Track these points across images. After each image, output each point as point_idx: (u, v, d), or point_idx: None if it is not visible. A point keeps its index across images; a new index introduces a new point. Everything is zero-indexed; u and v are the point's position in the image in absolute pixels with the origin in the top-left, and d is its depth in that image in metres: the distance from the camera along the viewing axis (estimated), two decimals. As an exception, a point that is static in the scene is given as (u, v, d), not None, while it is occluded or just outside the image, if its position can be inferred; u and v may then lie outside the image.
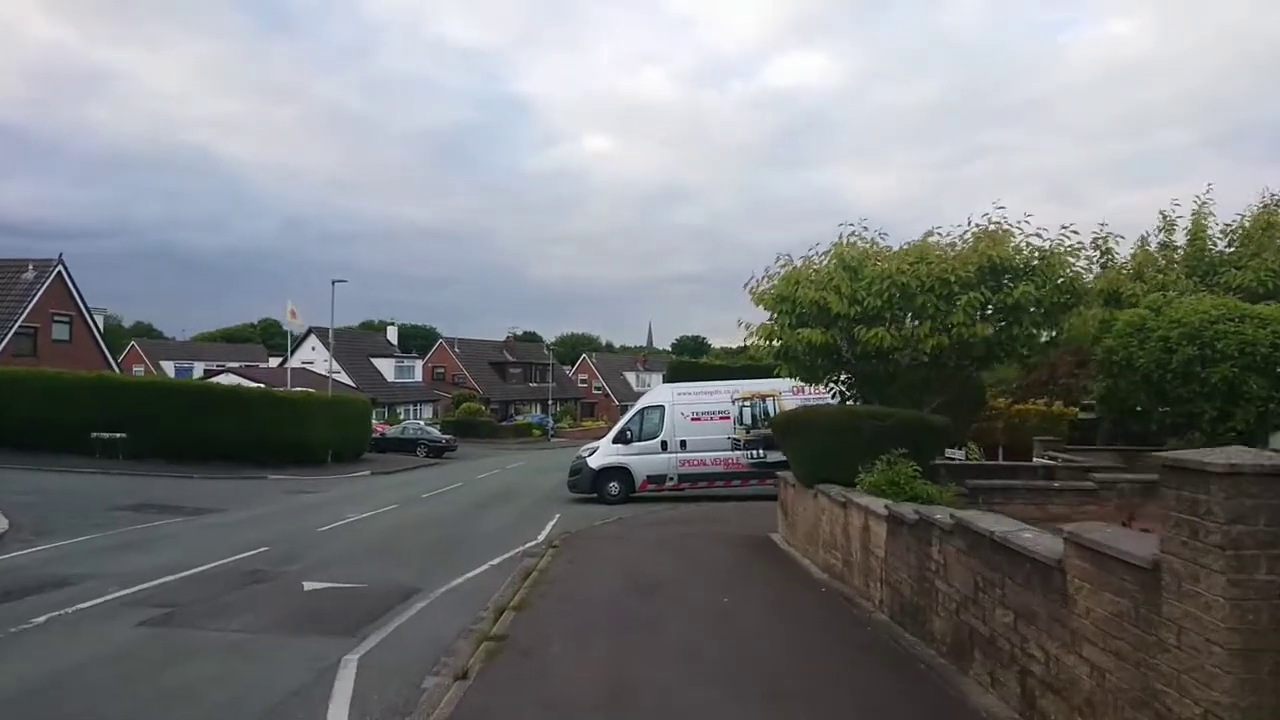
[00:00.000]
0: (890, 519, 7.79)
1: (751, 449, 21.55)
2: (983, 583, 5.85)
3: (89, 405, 29.90)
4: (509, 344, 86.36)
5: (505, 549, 13.90)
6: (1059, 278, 11.32)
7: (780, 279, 12.50)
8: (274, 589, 10.58)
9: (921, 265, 11.18)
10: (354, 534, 15.77)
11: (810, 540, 11.29)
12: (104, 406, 29.93)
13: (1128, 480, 11.46)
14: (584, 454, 22.58)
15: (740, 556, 12.24)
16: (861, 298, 11.36)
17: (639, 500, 21.42)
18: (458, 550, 13.97)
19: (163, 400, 31.21)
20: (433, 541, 14.92)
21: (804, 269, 12.38)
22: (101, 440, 29.51)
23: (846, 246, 12.19)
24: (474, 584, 11.10)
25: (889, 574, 7.91)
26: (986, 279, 11.26)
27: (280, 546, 13.97)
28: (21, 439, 28.66)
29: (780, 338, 12.19)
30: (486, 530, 16.59)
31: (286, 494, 24.39)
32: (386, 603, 9.78)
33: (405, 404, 65.48)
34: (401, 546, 14.38)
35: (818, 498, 10.78)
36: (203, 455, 30.29)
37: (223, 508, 20.28)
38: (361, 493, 24.91)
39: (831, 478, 10.60)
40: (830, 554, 10.17)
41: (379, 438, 46.24)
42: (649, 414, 22.38)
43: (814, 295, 11.50)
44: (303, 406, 34.33)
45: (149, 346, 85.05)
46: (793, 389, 22.24)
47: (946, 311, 11.09)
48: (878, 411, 10.73)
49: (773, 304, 12.37)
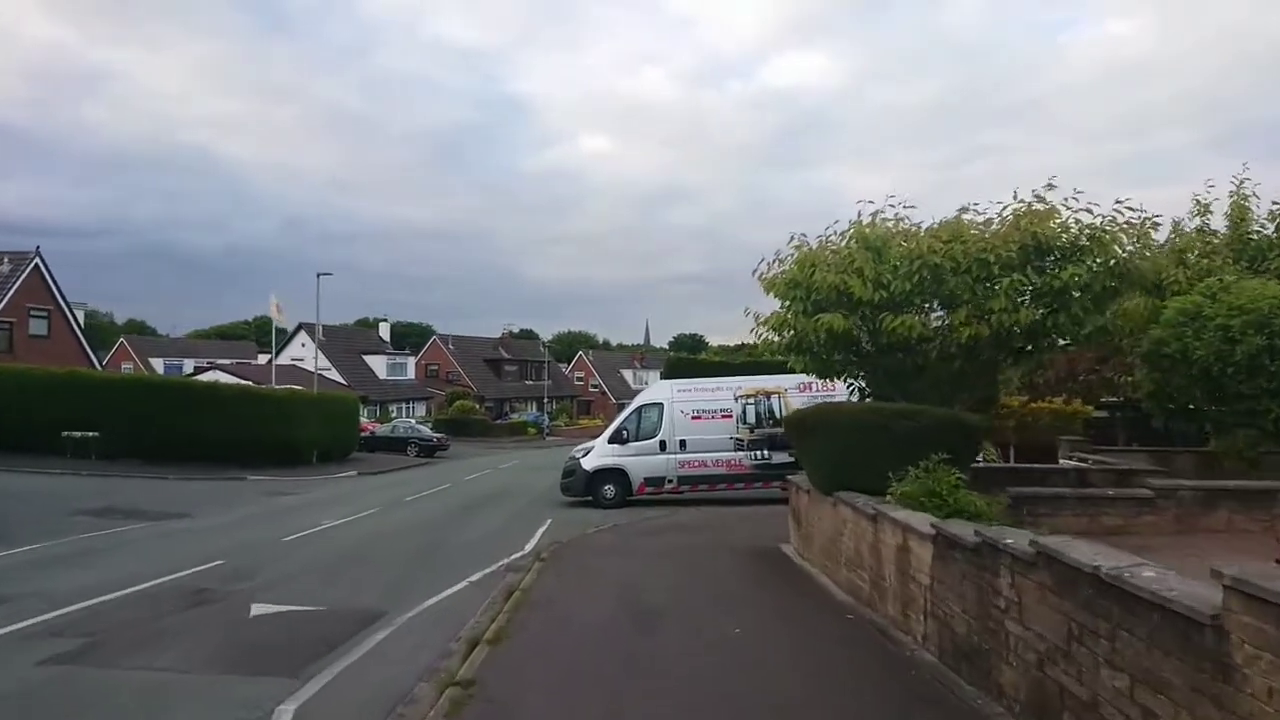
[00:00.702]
0: (940, 540, 6.47)
1: (755, 450, 20.25)
2: (1080, 631, 4.53)
3: (60, 403, 28.55)
4: (504, 341, 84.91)
5: (488, 561, 12.57)
6: (1110, 259, 10.00)
7: (794, 262, 11.18)
8: (217, 613, 9.24)
9: (956, 245, 9.86)
10: (324, 543, 14.42)
11: (829, 555, 9.97)
12: (76, 404, 28.59)
13: (1189, 488, 10.16)
14: (577, 455, 21.19)
15: (749, 573, 10.91)
16: (887, 281, 10.04)
17: (636, 504, 20.08)
18: (436, 563, 12.64)
19: (138, 398, 29.81)
20: (410, 552, 13.58)
21: (820, 251, 11.06)
22: (73, 439, 28.15)
23: (868, 226, 10.86)
24: (448, 606, 9.76)
25: (936, 605, 6.59)
26: (1030, 259, 9.94)
27: (238, 559, 12.63)
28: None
29: (793, 327, 10.86)
30: (470, 538, 15.26)
31: (264, 496, 23.05)
32: (344, 631, 8.44)
33: (398, 402, 64.10)
34: (374, 558, 13.05)
35: (838, 507, 9.47)
36: (181, 455, 28.96)
37: (192, 512, 18.97)
38: (344, 495, 23.56)
39: (855, 485, 9.29)
40: (855, 573, 8.85)
41: (369, 436, 44.88)
42: (647, 412, 21.00)
43: (833, 279, 10.17)
44: (287, 404, 32.97)
45: (139, 344, 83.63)
46: (799, 386, 20.93)
47: (985, 297, 9.77)
48: (906, 409, 9.41)
49: (785, 290, 11.05)
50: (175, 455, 28.84)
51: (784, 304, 11.22)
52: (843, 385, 20.80)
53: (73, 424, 28.18)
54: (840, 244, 10.85)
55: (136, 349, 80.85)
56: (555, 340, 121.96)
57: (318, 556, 13.09)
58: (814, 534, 10.76)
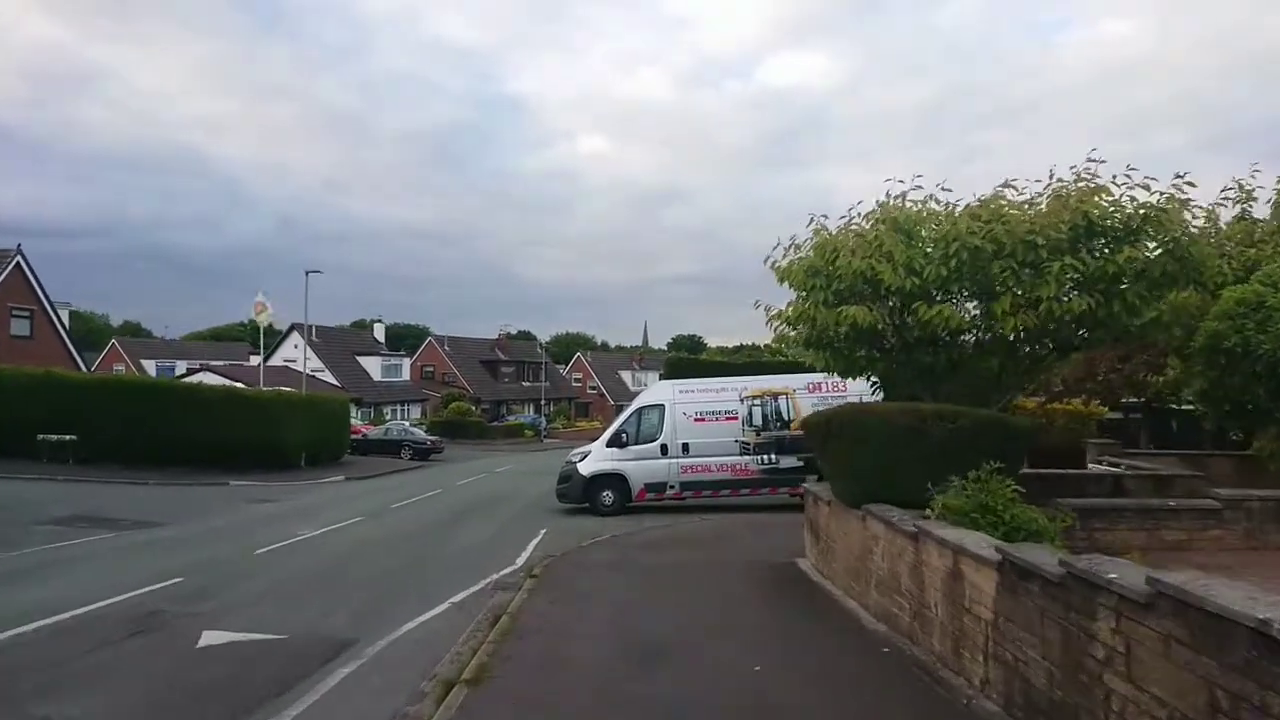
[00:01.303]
0: (1009, 568, 5.35)
1: (762, 454, 19.12)
2: (1233, 705, 3.41)
3: (36, 404, 27.41)
4: (501, 342, 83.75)
5: (475, 578, 11.44)
6: (1169, 241, 8.88)
7: (813, 248, 10.06)
8: (160, 644, 8.11)
9: (998, 225, 8.75)
10: (298, 557, 13.28)
11: (856, 576, 8.85)
12: (53, 406, 27.44)
13: (1258, 498, 9.06)
14: (574, 459, 20.04)
15: (765, 594, 9.78)
16: (920, 266, 8.93)
17: (636, 511, 18.94)
18: (418, 580, 11.52)
19: (118, 400, 28.64)
20: (391, 567, 12.45)
21: (842, 235, 9.94)
22: (49, 443, 27.03)
23: (897, 206, 9.75)
24: (425, 634, 8.63)
25: (1002, 646, 5.47)
26: (1081, 241, 8.83)
27: (201, 575, 11.50)
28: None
29: (812, 320, 9.74)
30: (457, 550, 14.12)
31: (245, 503, 21.89)
32: (303, 666, 7.33)
33: (392, 404, 62.96)
34: (351, 574, 11.91)
35: (867, 521, 8.35)
36: (163, 459, 27.87)
37: (164, 520, 17.85)
38: (328, 501, 22.41)
39: (887, 496, 8.18)
40: (890, 599, 7.73)
41: (360, 439, 43.76)
42: (647, 414, 19.84)
43: (858, 265, 9.05)
44: (273, 406, 31.82)
45: (132, 345, 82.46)
46: (808, 386, 19.82)
47: (1032, 283, 8.66)
48: (945, 410, 8.30)
49: (803, 279, 9.93)
50: (157, 459, 27.75)
51: (801, 294, 10.11)
52: (856, 385, 19.85)
53: (50, 426, 27.07)
54: (865, 227, 9.73)
55: (129, 351, 79.72)
56: (553, 342, 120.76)
57: (289, 572, 11.95)
58: (836, 550, 9.64)
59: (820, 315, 9.54)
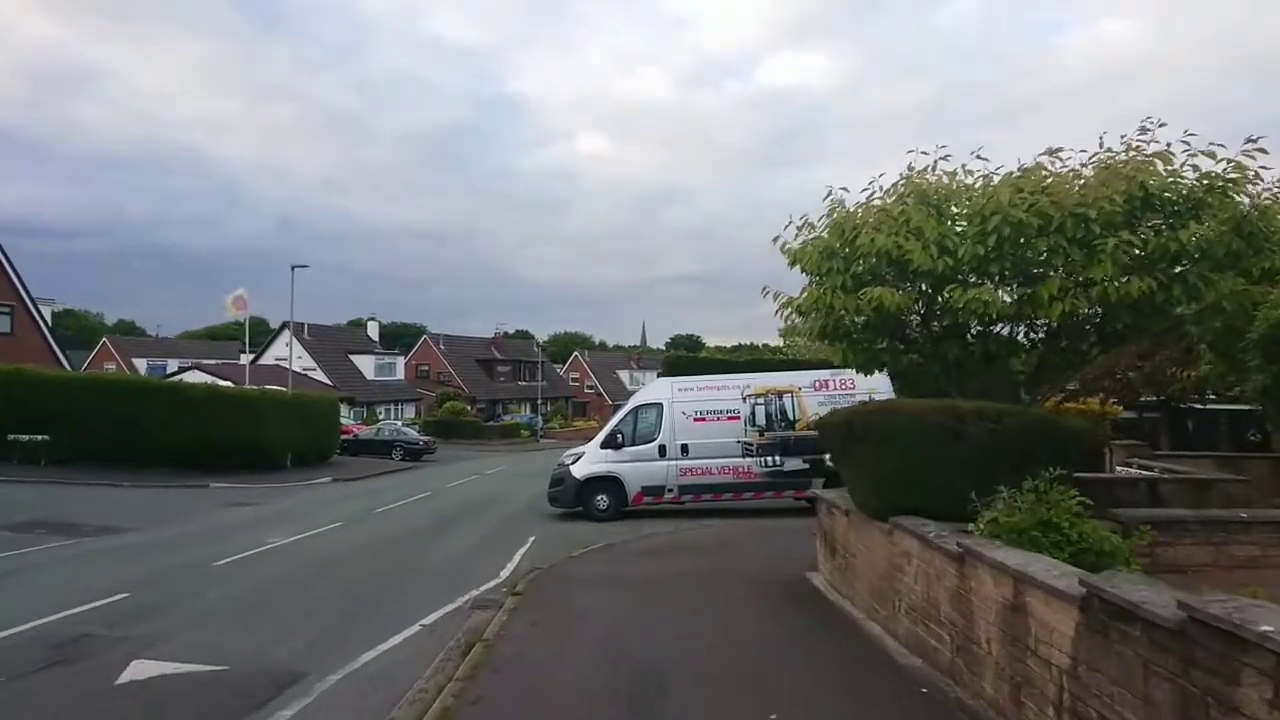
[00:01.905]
0: (1096, 606, 4.24)
1: (766, 455, 18.00)
2: None
3: (7, 403, 26.22)
4: (497, 341, 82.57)
5: (453, 593, 10.34)
6: (1237, 216, 7.78)
7: (829, 226, 8.96)
8: (76, 678, 6.99)
9: (1042, 197, 7.65)
10: (263, 568, 12.16)
11: (881, 597, 7.75)
12: (23, 405, 26.26)
13: (1339, 508, 7.97)
14: (566, 461, 18.90)
15: (774, 616, 8.66)
16: (954, 245, 7.83)
17: (633, 515, 17.85)
18: (389, 596, 10.41)
19: (94, 399, 27.41)
20: (361, 580, 11.33)
21: (861, 212, 8.84)
22: (20, 444, 25.88)
23: (923, 178, 8.65)
24: (388, 665, 7.53)
25: (1083, 702, 4.37)
26: (1137, 215, 7.74)
27: (151, 590, 10.40)
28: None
29: (830, 306, 8.63)
30: (438, 561, 13.00)
31: (222, 507, 20.78)
32: (234, 708, 6.23)
33: (386, 403, 61.82)
34: (316, 589, 10.80)
35: (896, 536, 7.26)
36: (142, 460, 26.75)
37: (131, 526, 16.76)
38: (310, 505, 21.28)
39: (920, 507, 7.09)
40: (925, 628, 6.63)
41: (351, 439, 42.66)
42: (644, 413, 18.71)
43: (883, 244, 7.94)
44: (258, 405, 30.65)
45: (124, 344, 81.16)
46: (814, 384, 18.75)
47: (1084, 263, 7.56)
48: (986, 408, 7.20)
49: (818, 261, 8.82)
50: (135, 460, 26.63)
51: (815, 278, 9.00)
52: (866, 382, 18.73)
53: (20, 426, 25.93)
54: (890, 201, 8.62)
55: (120, 349, 78.44)
56: (550, 341, 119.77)
57: (247, 587, 10.83)
58: (856, 566, 8.54)
59: (838, 301, 8.43)
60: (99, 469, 26.05)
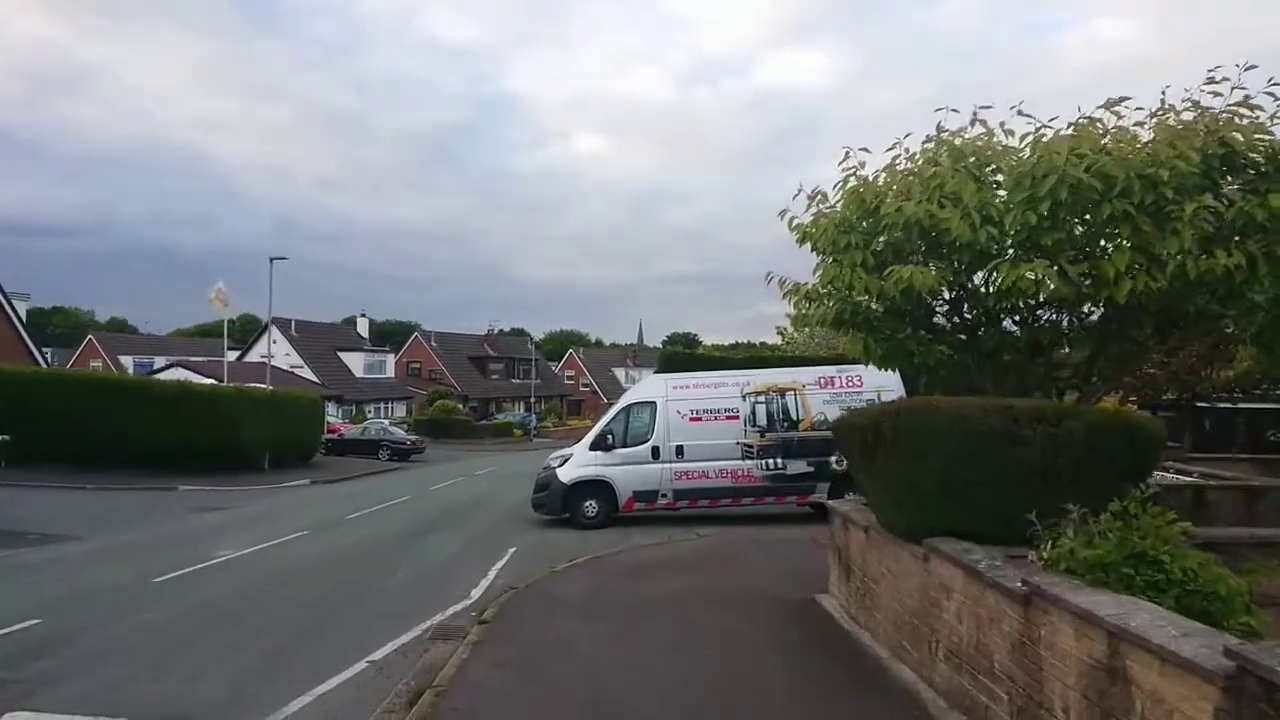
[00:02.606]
0: (1254, 691, 2.98)
1: (767, 458, 16.76)
2: None
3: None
4: (490, 338, 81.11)
5: (413, 619, 9.05)
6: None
7: (846, 195, 7.67)
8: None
9: (1103, 157, 6.39)
10: (202, 588, 10.84)
11: (911, 634, 6.48)
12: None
13: None
14: (553, 463, 17.56)
15: (785, 654, 7.36)
16: (997, 214, 6.56)
17: (624, 522, 16.57)
18: (338, 623, 9.10)
19: (59, 396, 26.09)
20: (311, 602, 10.03)
21: (884, 178, 7.56)
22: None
23: (959, 137, 7.36)
24: (317, 716, 6.25)
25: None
26: (1215, 177, 6.47)
27: (64, 616, 9.09)
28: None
29: (846, 289, 7.35)
30: (405, 578, 11.69)
31: (187, 512, 19.48)
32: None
33: (376, 401, 60.48)
34: (256, 614, 9.47)
35: (933, 563, 5.98)
36: (110, 461, 25.51)
37: (81, 534, 15.48)
38: (280, 510, 19.97)
39: (961, 528, 5.83)
40: (973, 680, 5.36)
41: (337, 439, 41.39)
42: (637, 412, 17.40)
43: (913, 213, 6.66)
44: (234, 404, 29.25)
45: (111, 341, 79.64)
46: (819, 381, 17.46)
47: (1154, 233, 6.30)
48: (1045, 408, 5.95)
49: (832, 237, 7.52)
50: (103, 461, 25.40)
51: (830, 258, 7.71)
52: (875, 379, 17.43)
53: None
54: (918, 164, 7.33)
55: (107, 346, 76.94)
56: (546, 340, 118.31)
57: (179, 610, 9.52)
58: (879, 595, 7.26)
59: (858, 282, 7.14)
60: (64, 471, 24.75)
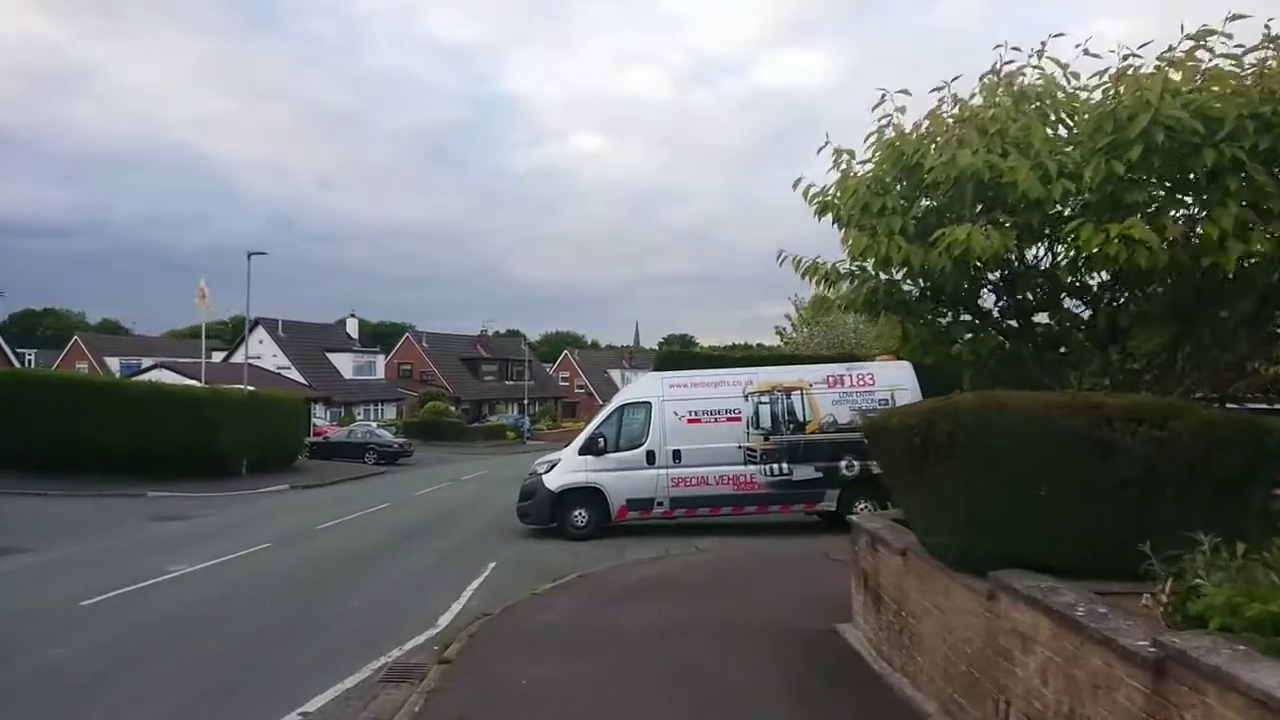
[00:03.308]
0: None
1: (772, 463, 15.45)
2: None
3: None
4: (483, 339, 79.69)
5: (365, 656, 7.71)
6: None
7: (881, 148, 6.38)
8: None
9: (1203, 94, 5.11)
10: (134, 612, 9.48)
11: (968, 688, 5.17)
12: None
13: None
14: (539, 469, 16.21)
15: (805, 703, 6.05)
16: (1073, 164, 5.29)
17: (616, 532, 15.25)
18: (276, 659, 7.77)
19: (22, 398, 24.72)
20: (248, 635, 8.66)
21: (928, 125, 6.27)
22: (-66, 449, 23.21)
23: (1016, 80, 6.08)
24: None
25: None
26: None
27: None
28: None
29: (882, 262, 6.06)
30: (365, 601, 10.35)
31: (150, 521, 18.15)
32: None
33: (365, 403, 59.07)
34: (181, 648, 8.11)
35: (1002, 602, 4.68)
36: (79, 467, 24.14)
37: (28, 546, 14.22)
38: (250, 519, 18.64)
39: (1038, 557, 4.54)
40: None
41: (321, 442, 40.05)
42: (630, 414, 16.06)
43: (970, 163, 5.39)
44: (209, 406, 27.89)
45: (97, 342, 78.15)
46: (827, 379, 16.10)
47: (1273, 184, 5.03)
48: (1142, 406, 4.65)
49: (864, 199, 6.23)
50: (70, 467, 24.02)
51: (861, 226, 6.40)
52: (887, 376, 16.14)
53: (-64, 429, 23.28)
54: (973, 107, 6.02)
55: (93, 347, 75.49)
56: (542, 341, 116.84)
57: (100, 641, 8.18)
58: (921, 633, 5.96)
59: (897, 253, 5.84)
60: (29, 477, 23.36)
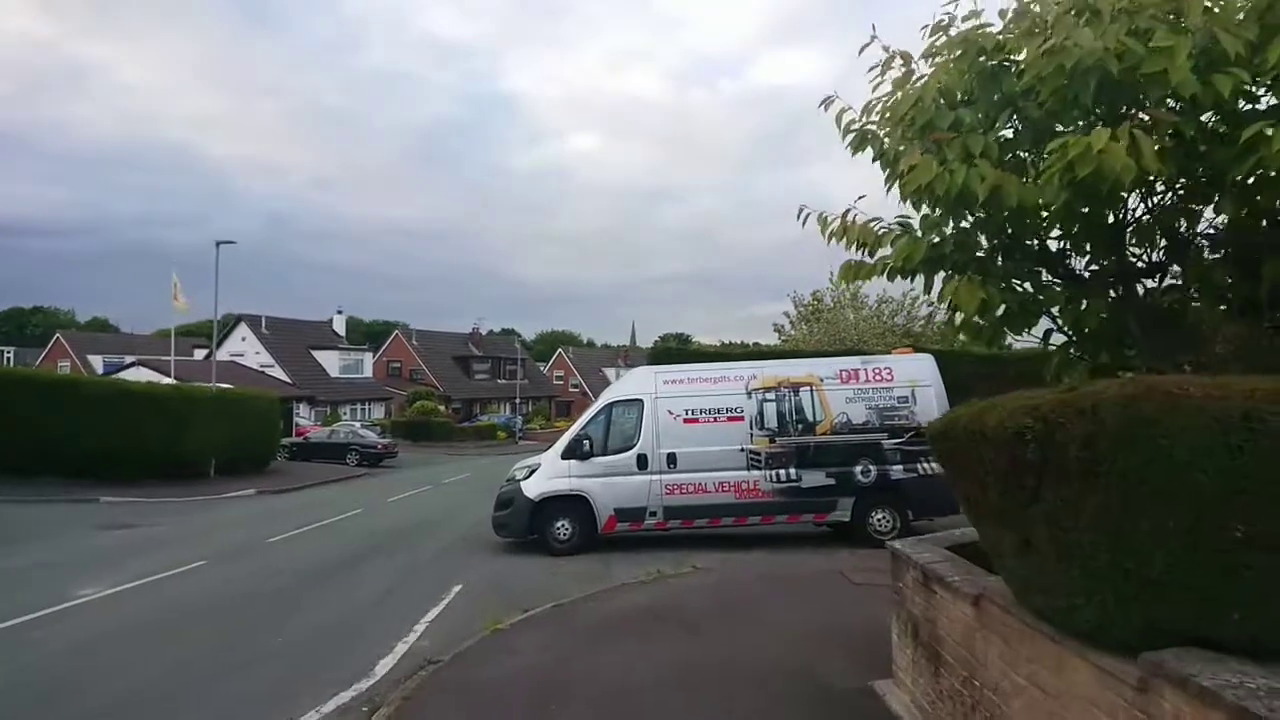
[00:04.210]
0: None
1: (778, 468, 13.71)
2: None
3: None
4: (475, 337, 77.87)
5: (286, 709, 6.03)
6: None
7: (950, 44, 4.69)
8: None
9: None
10: (11, 654, 7.79)
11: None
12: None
13: None
14: (517, 475, 14.46)
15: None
16: (1245, 48, 3.64)
17: (604, 545, 13.52)
18: (179, 713, 6.09)
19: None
20: (143, 684, 6.98)
21: (1014, 10, 4.58)
22: None
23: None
24: None
25: None
26: None
27: None
28: None
29: (949, 202, 4.39)
30: (292, 638, 8.61)
31: (95, 529, 16.49)
32: None
33: (352, 402, 57.34)
34: (71, 698, 6.44)
35: (1161, 698, 3.01)
36: (30, 468, 22.52)
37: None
38: (200, 529, 16.91)
39: (1225, 631, 2.85)
40: None
41: (302, 442, 38.35)
42: (621, 412, 14.30)
43: (1093, 49, 3.71)
44: (175, 404, 26.15)
45: (80, 340, 76.39)
46: (840, 374, 14.33)
47: None
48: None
49: (928, 115, 4.56)
50: (21, 468, 22.36)
51: (885, 150, 4.71)
52: (906, 370, 14.41)
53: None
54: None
55: (75, 345, 73.79)
56: (537, 340, 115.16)
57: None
58: (1009, 717, 4.24)
59: (978, 185, 4.14)
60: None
